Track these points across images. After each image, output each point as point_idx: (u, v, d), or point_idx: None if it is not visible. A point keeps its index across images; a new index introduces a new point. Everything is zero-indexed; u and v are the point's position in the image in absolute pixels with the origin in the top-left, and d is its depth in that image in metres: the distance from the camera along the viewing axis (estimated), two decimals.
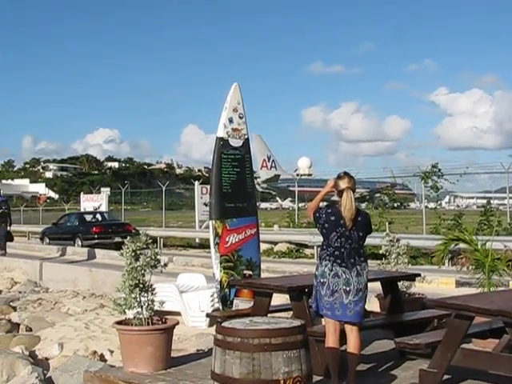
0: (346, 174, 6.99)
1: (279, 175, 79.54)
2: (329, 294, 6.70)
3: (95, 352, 11.08)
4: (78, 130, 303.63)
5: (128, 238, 8.11)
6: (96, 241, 30.14)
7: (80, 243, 30.40)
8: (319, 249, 7.12)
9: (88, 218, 34.30)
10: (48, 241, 33.54)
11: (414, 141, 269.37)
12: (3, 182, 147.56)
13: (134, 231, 32.73)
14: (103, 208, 39.30)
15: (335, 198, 7.01)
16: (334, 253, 6.75)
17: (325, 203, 7.41)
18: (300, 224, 35.73)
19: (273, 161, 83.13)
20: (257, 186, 69.64)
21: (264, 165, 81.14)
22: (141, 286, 7.75)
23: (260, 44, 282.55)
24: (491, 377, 6.80)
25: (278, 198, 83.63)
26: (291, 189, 40.99)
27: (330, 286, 6.70)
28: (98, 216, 34.70)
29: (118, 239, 29.91)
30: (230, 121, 10.58)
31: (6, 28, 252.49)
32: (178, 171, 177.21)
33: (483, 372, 6.83)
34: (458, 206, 29.89)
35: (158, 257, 7.95)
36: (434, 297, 9.30)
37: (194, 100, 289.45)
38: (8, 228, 26.03)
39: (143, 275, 7.78)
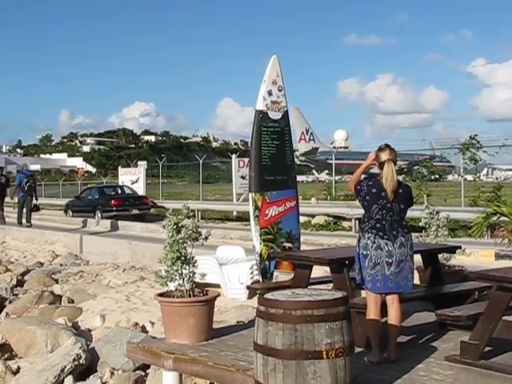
0: (387, 146, 6.97)
1: (317, 148, 79.06)
2: (371, 267, 6.72)
3: (137, 323, 11.23)
4: (114, 103, 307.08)
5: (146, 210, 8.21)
6: (114, 213, 31.25)
7: (100, 215, 31.50)
8: (360, 221, 7.12)
9: (108, 191, 35.58)
10: (71, 213, 34.65)
11: (450, 113, 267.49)
12: (41, 156, 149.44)
13: (151, 204, 33.73)
14: (141, 181, 39.70)
15: (374, 170, 7.00)
16: (375, 225, 6.75)
17: (364, 176, 7.38)
18: (337, 197, 35.68)
19: (311, 133, 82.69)
20: (295, 159, 69.51)
21: (302, 137, 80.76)
22: (182, 258, 7.80)
23: (295, 17, 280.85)
24: None
25: (314, 171, 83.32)
26: (329, 162, 40.87)
27: (372, 259, 6.71)
28: (118, 189, 36.16)
29: (135, 211, 31.92)
30: (269, 93, 10.56)
31: (43, 2, 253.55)
32: (214, 144, 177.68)
33: None
34: (496, 178, 29.55)
35: (199, 229, 8.01)
36: (474, 269, 9.23)
37: (230, 73, 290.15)
38: (34, 201, 27.35)
39: (185, 248, 7.83)
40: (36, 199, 27.54)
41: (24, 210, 27.29)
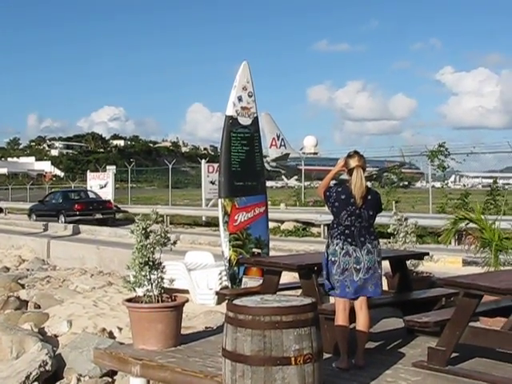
0: (355, 152, 7.00)
1: (289, 154, 79.25)
2: (339, 273, 6.74)
3: (104, 329, 11.16)
4: (83, 107, 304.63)
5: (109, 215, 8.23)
6: (78, 217, 31.60)
7: (63, 220, 31.76)
8: (329, 227, 7.13)
9: (71, 195, 36.14)
10: (35, 217, 34.64)
11: (419, 120, 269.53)
12: (9, 159, 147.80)
13: (114, 208, 33.94)
14: (109, 186, 39.59)
15: (344, 177, 7.02)
16: (344, 231, 6.77)
17: (334, 182, 7.41)
18: (306, 203, 35.79)
19: (282, 139, 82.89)
20: (266, 165, 69.55)
21: (273, 143, 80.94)
22: (150, 263, 7.77)
23: (266, 23, 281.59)
24: (499, 355, 6.86)
25: (283, 177, 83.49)
26: (300, 167, 41.11)
27: (340, 265, 6.73)
28: (82, 194, 36.68)
29: (98, 216, 32.37)
30: (240, 99, 10.56)
31: (11, 7, 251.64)
32: (183, 149, 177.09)
33: (491, 350, 6.89)
34: (464, 185, 29.92)
35: (168, 235, 7.99)
36: (441, 276, 9.32)
37: (200, 78, 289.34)
38: None
39: (153, 253, 7.81)
40: None
41: None
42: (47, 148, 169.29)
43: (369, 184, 7.27)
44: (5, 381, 9.24)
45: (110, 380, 9.23)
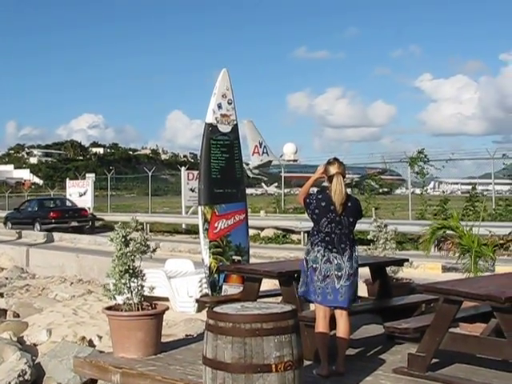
0: (335, 159, 7.01)
1: (271, 161, 79.30)
2: (321, 279, 6.74)
3: (84, 338, 11.08)
4: (62, 115, 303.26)
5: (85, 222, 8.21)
6: (53, 225, 31.58)
7: (39, 227, 31.76)
8: (309, 234, 7.13)
9: (47, 203, 35.95)
10: (10, 225, 34.56)
11: (398, 126, 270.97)
12: None
13: (90, 216, 33.99)
14: (89, 194, 39.47)
15: (326, 184, 7.03)
16: (324, 238, 6.78)
17: (315, 189, 7.42)
18: (286, 210, 35.82)
19: (264, 147, 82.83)
20: (248, 172, 69.54)
21: (256, 151, 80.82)
22: (130, 271, 7.75)
23: (244, 30, 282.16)
24: (479, 360, 6.89)
25: (263, 184, 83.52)
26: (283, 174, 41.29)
27: (321, 272, 6.74)
28: (58, 202, 36.78)
29: (74, 223, 32.37)
30: (219, 107, 10.57)
31: None
32: (163, 157, 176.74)
33: (471, 356, 6.92)
34: (443, 191, 30.02)
35: (148, 242, 7.97)
36: (421, 282, 9.35)
37: (179, 86, 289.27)
38: None
39: (133, 261, 7.79)
40: None
41: None
42: (26, 156, 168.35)
43: (348, 191, 7.29)
44: None
45: None
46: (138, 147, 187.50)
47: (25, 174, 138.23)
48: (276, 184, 65.63)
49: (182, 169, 35.20)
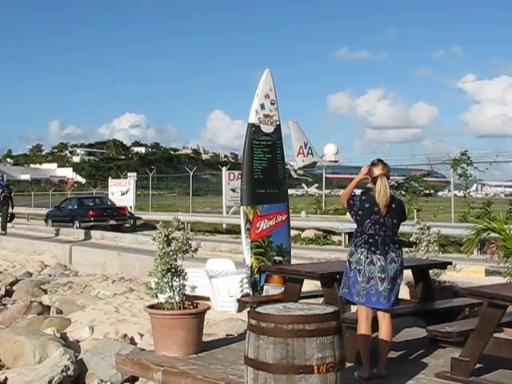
0: (379, 160, 6.97)
1: (316, 162, 79.24)
2: (365, 281, 6.70)
3: (125, 335, 11.16)
4: (105, 114, 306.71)
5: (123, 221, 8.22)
6: (92, 223, 31.96)
7: (78, 225, 32.21)
8: (353, 236, 7.08)
9: (86, 202, 36.27)
10: (51, 223, 35.01)
11: (440, 128, 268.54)
12: (31, 166, 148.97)
13: (128, 215, 34.29)
14: (131, 193, 39.76)
15: (370, 185, 6.99)
16: (368, 240, 6.74)
17: (359, 190, 7.38)
18: (327, 211, 35.68)
19: (309, 148, 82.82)
20: (292, 173, 69.52)
21: (301, 151, 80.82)
22: (173, 270, 7.79)
23: (288, 31, 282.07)
24: None
25: (303, 185, 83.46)
26: (327, 176, 41.10)
27: (365, 273, 6.70)
28: (97, 200, 37.02)
29: (112, 222, 32.74)
30: (262, 107, 10.57)
31: (32, 13, 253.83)
32: (204, 157, 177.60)
33: None
34: (486, 194, 29.61)
35: (190, 242, 8.00)
36: (464, 285, 9.26)
37: (220, 86, 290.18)
38: (10, 210, 28.03)
39: (175, 260, 7.83)
40: (12, 208, 28.05)
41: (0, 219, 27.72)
42: (69, 155, 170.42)
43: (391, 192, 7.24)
44: None
45: None
46: (179, 147, 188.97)
47: (68, 173, 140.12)
48: (316, 185, 65.41)
49: (223, 169, 35.23)
